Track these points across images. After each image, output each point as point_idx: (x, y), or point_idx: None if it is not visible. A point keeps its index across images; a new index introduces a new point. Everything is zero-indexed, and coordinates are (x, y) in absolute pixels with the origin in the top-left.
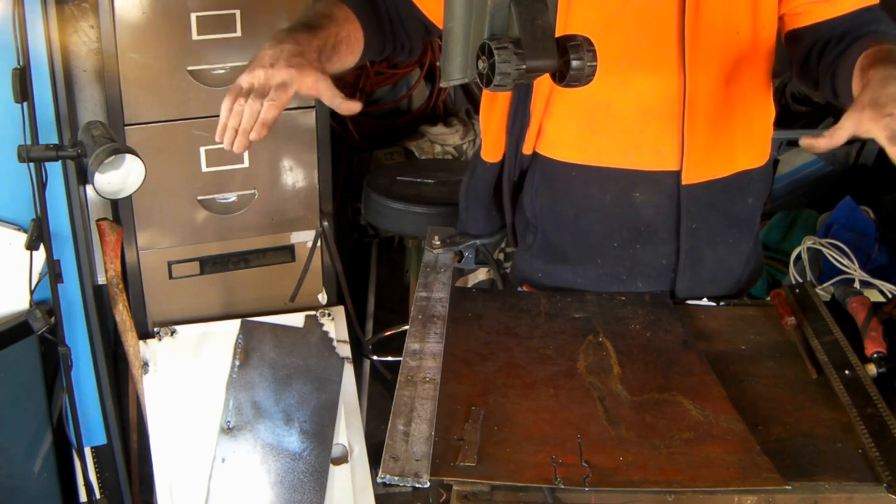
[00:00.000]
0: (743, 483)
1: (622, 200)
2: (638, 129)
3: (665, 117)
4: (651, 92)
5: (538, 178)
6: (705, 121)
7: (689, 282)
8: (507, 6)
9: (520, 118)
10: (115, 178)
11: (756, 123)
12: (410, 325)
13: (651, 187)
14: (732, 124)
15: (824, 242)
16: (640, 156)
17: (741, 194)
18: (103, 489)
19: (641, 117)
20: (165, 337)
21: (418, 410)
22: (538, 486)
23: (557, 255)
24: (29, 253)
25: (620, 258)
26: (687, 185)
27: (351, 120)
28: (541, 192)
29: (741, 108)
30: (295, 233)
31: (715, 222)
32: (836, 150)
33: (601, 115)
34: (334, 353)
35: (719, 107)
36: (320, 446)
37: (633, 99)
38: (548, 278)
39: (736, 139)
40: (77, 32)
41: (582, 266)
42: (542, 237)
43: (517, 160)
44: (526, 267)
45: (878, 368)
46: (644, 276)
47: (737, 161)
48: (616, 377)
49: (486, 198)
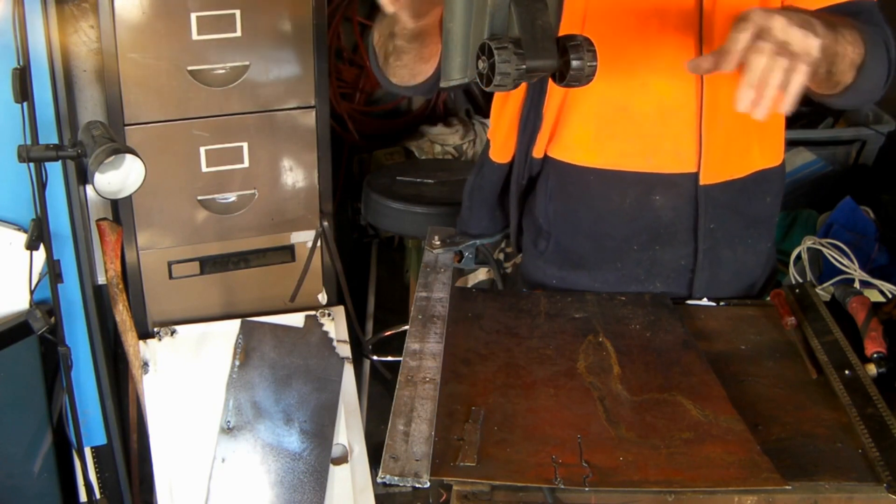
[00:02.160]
0: (743, 483)
1: (642, 204)
2: (657, 131)
3: (683, 120)
4: (669, 94)
5: (552, 183)
6: (723, 122)
7: (706, 282)
8: (507, 6)
9: (532, 120)
10: (115, 178)
11: (770, 123)
12: (410, 325)
13: (670, 190)
14: (748, 124)
15: (824, 242)
16: (659, 158)
17: (759, 194)
18: (103, 489)
19: (660, 120)
20: (165, 337)
21: (418, 410)
22: (538, 486)
23: (573, 261)
24: (29, 253)
25: (639, 261)
26: (705, 185)
27: (351, 120)
28: (555, 198)
29: None
30: (295, 233)
31: (733, 223)
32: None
33: (620, 118)
34: (334, 353)
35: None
36: (320, 446)
37: (651, 102)
38: (563, 283)
39: (752, 139)
40: (77, 32)
41: (600, 271)
42: (555, 243)
43: (527, 164)
44: (538, 273)
45: (878, 368)
46: (663, 277)
47: (753, 161)
48: (616, 377)
49: (491, 198)
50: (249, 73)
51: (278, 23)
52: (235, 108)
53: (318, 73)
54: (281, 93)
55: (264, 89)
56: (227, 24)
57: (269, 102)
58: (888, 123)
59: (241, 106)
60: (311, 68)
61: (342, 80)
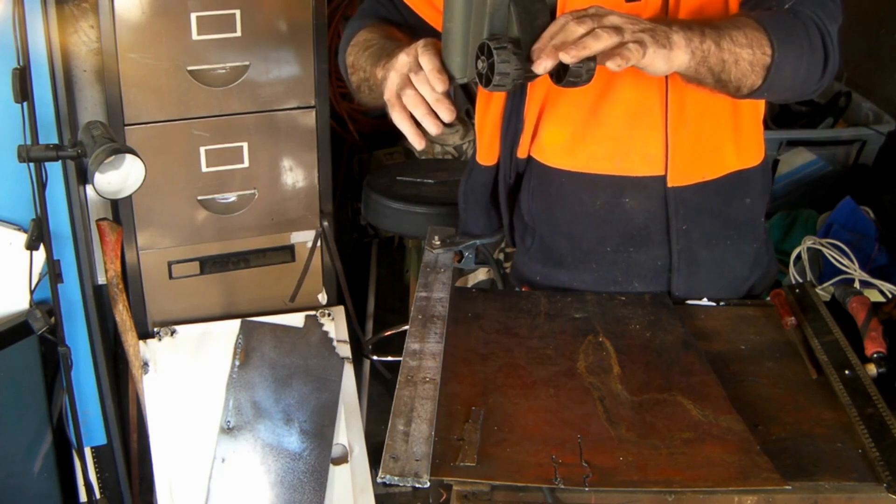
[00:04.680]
0: (743, 483)
1: (612, 206)
2: (625, 134)
3: (650, 123)
4: (636, 99)
5: (534, 183)
6: (689, 124)
7: (685, 283)
8: (506, 6)
9: (514, 123)
10: (115, 178)
11: (744, 123)
12: (410, 325)
13: (640, 192)
14: (719, 126)
15: (824, 242)
16: (628, 162)
17: (737, 195)
18: (103, 489)
19: (629, 123)
20: (165, 337)
21: (418, 410)
22: (538, 486)
23: (554, 259)
24: (29, 253)
25: (615, 262)
26: (673, 187)
27: (351, 120)
28: (536, 197)
29: (727, 110)
30: (295, 233)
31: (709, 223)
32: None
33: (590, 122)
34: (334, 353)
35: (703, 110)
36: (320, 446)
37: (620, 106)
38: (546, 280)
39: (723, 140)
40: (77, 32)
41: (578, 270)
42: (539, 240)
43: (512, 164)
44: (525, 269)
45: (878, 368)
46: (640, 277)
47: (727, 162)
48: (616, 377)
49: (483, 199)
50: (249, 73)
51: (278, 23)
52: (235, 108)
53: (318, 73)
54: (281, 93)
55: (264, 89)
56: (227, 24)
57: (269, 102)
58: (888, 123)
59: (241, 106)
60: (310, 68)
61: (342, 80)
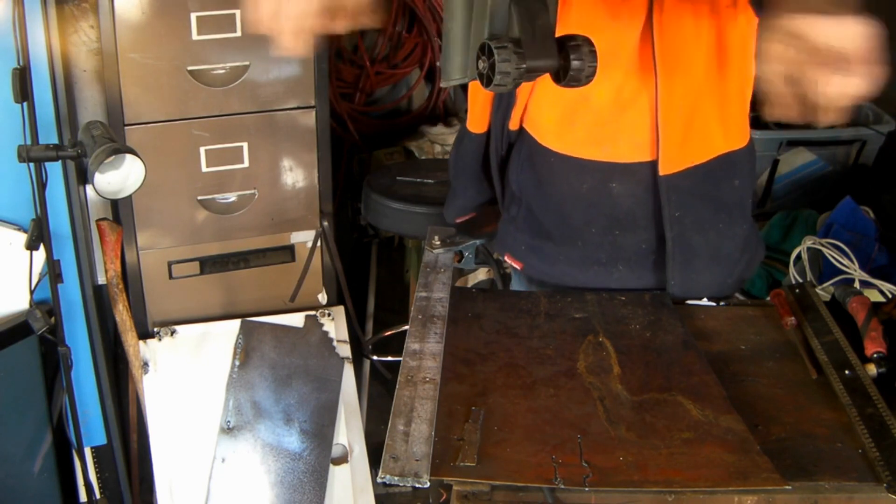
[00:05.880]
0: (743, 483)
1: (599, 191)
2: (614, 120)
3: (639, 110)
4: (626, 85)
5: (524, 155)
6: (679, 111)
7: (680, 269)
8: (507, 6)
9: (506, 98)
10: (115, 178)
11: (731, 105)
12: (410, 325)
13: (628, 178)
14: (706, 109)
15: (824, 242)
16: (617, 148)
17: (725, 177)
18: (103, 489)
19: (618, 110)
20: (165, 337)
21: (418, 410)
22: (538, 486)
23: (542, 231)
24: (29, 253)
25: (600, 244)
26: (665, 175)
27: (351, 120)
28: (525, 170)
29: (715, 92)
30: (295, 233)
31: (701, 208)
32: (836, 150)
33: (580, 107)
34: (334, 353)
35: (693, 95)
36: (320, 446)
37: (609, 92)
38: (530, 252)
39: (711, 124)
40: (77, 32)
41: (565, 246)
42: (526, 210)
43: (504, 135)
44: (510, 239)
45: (878, 368)
46: (624, 260)
47: (715, 145)
48: (616, 377)
49: (474, 168)
50: (249, 73)
51: None
52: (235, 108)
53: (318, 73)
54: (281, 93)
55: (264, 89)
56: (227, 24)
57: (269, 102)
58: (888, 123)
59: (241, 106)
60: (311, 68)
61: (342, 80)
